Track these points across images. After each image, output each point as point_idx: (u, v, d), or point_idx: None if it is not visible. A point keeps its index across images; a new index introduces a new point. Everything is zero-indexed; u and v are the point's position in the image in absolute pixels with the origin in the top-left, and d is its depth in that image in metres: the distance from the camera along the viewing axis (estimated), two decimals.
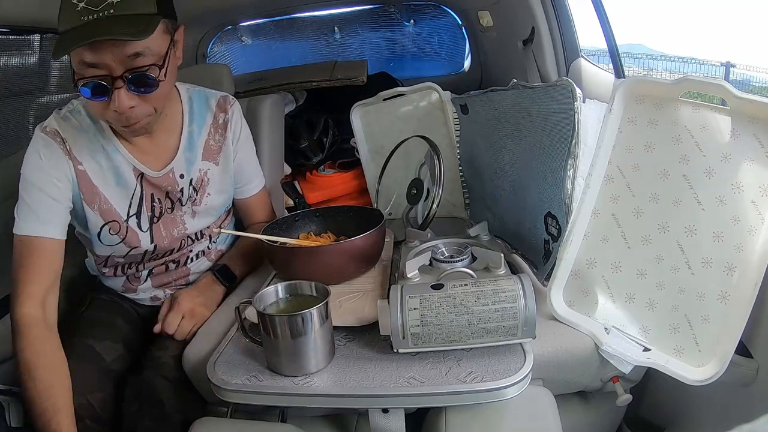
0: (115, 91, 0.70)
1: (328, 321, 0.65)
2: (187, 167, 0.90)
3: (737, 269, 0.63)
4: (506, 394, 0.60)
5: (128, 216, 0.87)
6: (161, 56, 0.73)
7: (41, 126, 0.82)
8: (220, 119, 0.93)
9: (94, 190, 0.84)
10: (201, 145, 0.91)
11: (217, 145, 0.93)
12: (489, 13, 1.50)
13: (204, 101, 0.93)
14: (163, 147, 0.88)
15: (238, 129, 0.95)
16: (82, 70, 0.70)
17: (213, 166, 0.93)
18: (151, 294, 0.98)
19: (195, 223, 0.94)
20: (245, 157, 0.98)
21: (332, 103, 1.52)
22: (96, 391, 0.78)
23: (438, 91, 1.13)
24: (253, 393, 0.64)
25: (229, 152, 0.94)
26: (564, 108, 0.75)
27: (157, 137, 0.87)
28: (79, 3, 0.67)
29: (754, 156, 0.63)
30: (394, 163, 1.13)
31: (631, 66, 2.91)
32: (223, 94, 0.96)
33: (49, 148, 0.80)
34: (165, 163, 0.88)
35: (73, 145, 0.81)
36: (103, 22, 0.66)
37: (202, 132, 0.92)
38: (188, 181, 0.91)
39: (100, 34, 0.66)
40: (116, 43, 0.67)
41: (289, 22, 1.84)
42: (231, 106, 0.95)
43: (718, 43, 2.66)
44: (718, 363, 0.63)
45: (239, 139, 0.96)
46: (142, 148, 0.86)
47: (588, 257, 0.75)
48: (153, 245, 0.90)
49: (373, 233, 0.81)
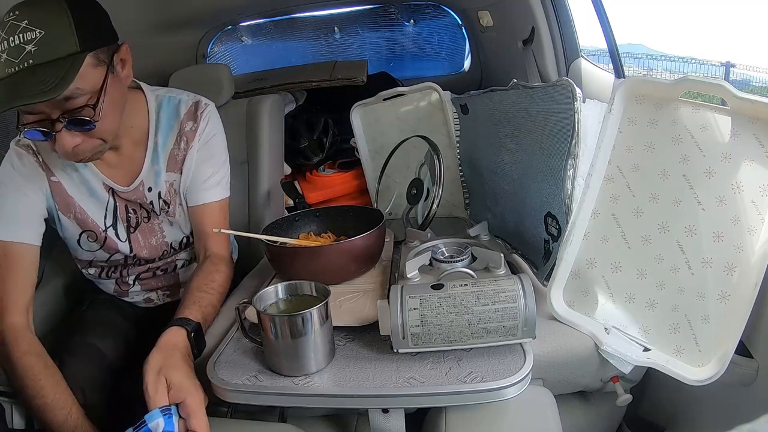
0: (55, 134, 0.69)
1: (328, 321, 0.65)
2: (155, 179, 0.88)
3: (737, 269, 0.63)
4: (506, 394, 0.60)
5: (106, 227, 0.88)
6: (95, 92, 0.70)
7: (15, 140, 0.83)
8: (186, 127, 0.88)
9: (69, 200, 0.85)
10: (166, 156, 0.88)
11: (182, 154, 0.89)
12: (489, 13, 1.50)
13: (174, 108, 0.89)
14: (130, 160, 0.87)
15: (207, 134, 0.90)
16: (22, 116, 0.69)
17: (178, 176, 0.89)
18: (144, 297, 0.98)
19: (174, 231, 0.93)
20: (205, 159, 0.90)
21: (332, 103, 1.52)
22: (98, 388, 0.78)
23: (438, 91, 1.13)
24: (253, 393, 0.64)
25: (192, 158, 0.89)
26: (564, 108, 0.75)
27: (123, 151, 0.86)
28: (1, 54, 0.64)
29: (754, 156, 0.63)
30: (394, 163, 1.13)
31: (631, 66, 2.91)
32: (198, 99, 0.91)
33: (22, 159, 0.81)
34: (133, 176, 0.87)
35: (47, 158, 0.82)
36: (24, 74, 0.63)
37: (167, 142, 0.88)
38: (157, 194, 0.89)
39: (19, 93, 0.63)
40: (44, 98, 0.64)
41: (289, 22, 1.84)
42: (203, 112, 0.89)
43: (718, 43, 2.66)
44: (718, 363, 0.63)
45: (205, 143, 0.90)
46: (110, 162, 0.86)
47: (588, 257, 0.75)
48: (132, 253, 0.91)
49: (373, 233, 0.81)
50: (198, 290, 0.80)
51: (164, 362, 0.63)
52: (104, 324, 0.90)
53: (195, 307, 0.76)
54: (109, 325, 0.90)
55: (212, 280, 0.83)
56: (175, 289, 1.00)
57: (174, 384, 0.61)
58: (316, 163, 1.53)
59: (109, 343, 0.86)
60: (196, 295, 0.78)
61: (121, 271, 0.94)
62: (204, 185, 0.90)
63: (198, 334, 0.72)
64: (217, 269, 0.86)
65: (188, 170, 0.89)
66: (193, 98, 0.91)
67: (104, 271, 0.94)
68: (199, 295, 0.79)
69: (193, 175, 0.89)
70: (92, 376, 0.79)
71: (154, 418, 0.58)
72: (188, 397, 0.60)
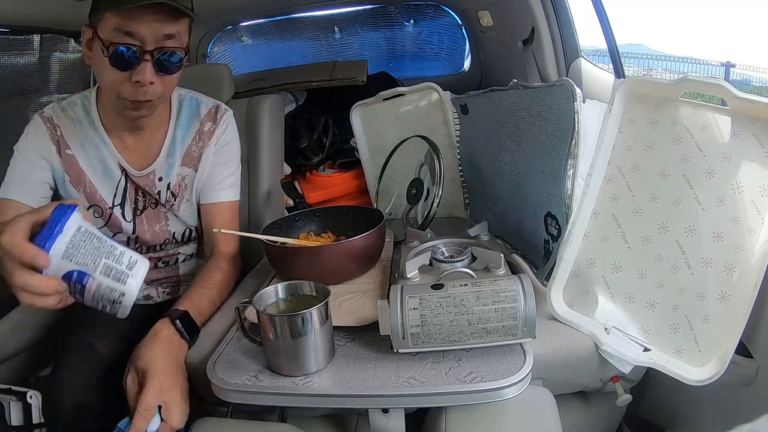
0: (141, 64, 0.75)
1: (328, 321, 0.65)
2: (168, 170, 0.92)
3: (737, 269, 0.63)
4: (506, 394, 0.60)
5: (113, 205, 0.91)
6: (185, 47, 0.80)
7: (39, 112, 0.88)
8: (206, 127, 0.94)
9: (81, 174, 0.89)
10: (182, 151, 0.93)
11: (199, 152, 0.94)
12: (489, 13, 1.50)
13: (194, 108, 0.94)
14: (147, 147, 0.91)
15: (224, 138, 0.95)
16: (115, 37, 0.73)
17: (192, 172, 0.94)
18: (143, 293, 0.98)
19: (178, 223, 0.96)
20: (221, 162, 0.95)
21: (332, 103, 1.52)
22: (97, 388, 0.78)
23: (438, 91, 1.13)
24: (253, 393, 0.64)
25: (208, 158, 0.94)
26: (564, 108, 0.75)
27: (143, 136, 0.90)
28: None
29: (754, 156, 0.63)
30: (394, 163, 1.13)
31: (631, 66, 2.91)
32: (217, 103, 0.96)
33: (37, 130, 0.87)
34: (147, 163, 0.91)
35: (65, 132, 0.87)
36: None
37: (186, 138, 0.93)
38: (166, 185, 0.92)
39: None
40: (158, 19, 0.73)
41: (289, 22, 1.84)
42: (222, 116, 0.95)
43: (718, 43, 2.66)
44: (718, 363, 0.63)
45: (221, 146, 0.95)
46: (128, 145, 0.90)
47: (588, 257, 0.75)
48: (135, 235, 0.93)
49: (373, 233, 0.81)
50: (195, 286, 0.84)
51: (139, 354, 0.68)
52: (102, 324, 0.90)
53: (187, 300, 0.79)
54: (107, 325, 0.90)
55: (210, 277, 0.86)
56: (174, 286, 1.01)
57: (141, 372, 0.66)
58: (316, 163, 1.53)
59: (107, 343, 0.86)
60: (191, 291, 0.82)
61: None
62: (219, 186, 0.95)
63: (185, 320, 0.74)
64: (219, 266, 0.89)
65: (203, 169, 0.94)
66: (213, 102, 0.96)
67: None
68: (195, 290, 0.82)
69: (208, 175, 0.94)
70: (89, 375, 0.79)
71: (127, 425, 0.63)
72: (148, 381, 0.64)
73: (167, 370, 0.67)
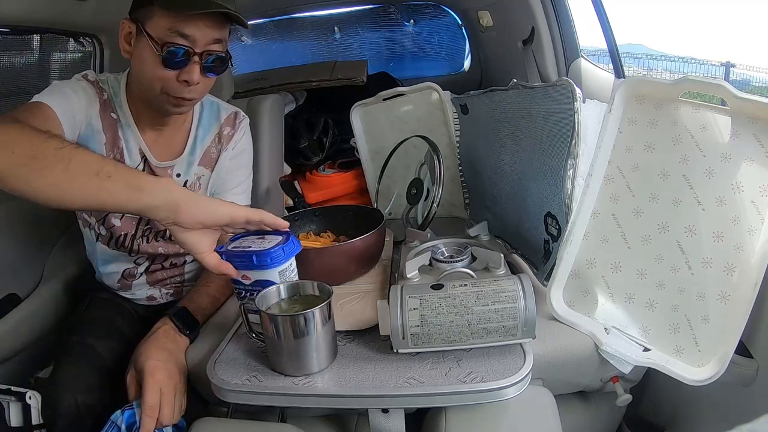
0: (191, 64, 0.78)
1: (330, 321, 0.65)
2: (186, 168, 0.93)
3: (737, 269, 0.63)
4: (506, 394, 0.60)
5: None
6: (226, 51, 0.83)
7: (78, 75, 0.85)
8: (225, 131, 0.96)
9: (117, 140, 0.87)
10: (202, 151, 0.94)
11: (217, 153, 0.95)
12: (489, 13, 1.50)
13: (215, 112, 0.96)
14: (168, 144, 0.92)
15: (240, 144, 0.97)
16: (170, 37, 0.76)
17: (208, 172, 0.95)
18: (147, 293, 0.98)
19: None
20: (236, 168, 0.98)
21: (332, 103, 1.52)
22: (96, 389, 0.78)
23: (438, 91, 1.13)
24: (253, 393, 0.64)
25: (225, 161, 0.96)
26: (564, 108, 0.75)
27: (166, 132, 0.91)
28: None
29: (754, 156, 0.63)
30: (394, 163, 1.13)
31: (631, 66, 2.91)
32: (236, 110, 0.99)
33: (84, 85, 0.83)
34: (169, 158, 0.91)
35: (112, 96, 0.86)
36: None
37: (206, 139, 0.94)
38: (183, 182, 0.92)
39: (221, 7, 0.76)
40: (210, 24, 0.77)
41: (289, 22, 1.84)
42: (240, 122, 0.98)
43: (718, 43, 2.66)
44: (718, 363, 0.63)
45: (237, 153, 0.97)
46: (151, 138, 0.90)
47: (588, 257, 0.75)
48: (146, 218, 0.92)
49: (372, 234, 0.81)
50: (195, 286, 0.88)
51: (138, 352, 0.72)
52: (103, 325, 0.90)
53: (186, 298, 0.83)
54: (107, 326, 0.90)
55: (210, 277, 0.87)
56: (178, 288, 1.01)
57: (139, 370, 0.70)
58: (316, 163, 1.53)
59: (107, 344, 0.86)
60: (191, 291, 0.86)
61: (130, 244, 0.93)
62: (233, 191, 0.97)
63: (183, 315, 0.78)
64: None
65: (219, 170, 0.95)
66: (232, 108, 0.99)
67: (114, 239, 0.93)
68: (195, 289, 0.86)
69: (222, 180, 0.96)
70: (88, 376, 0.79)
71: (117, 417, 0.67)
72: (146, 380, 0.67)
73: (164, 367, 0.69)
